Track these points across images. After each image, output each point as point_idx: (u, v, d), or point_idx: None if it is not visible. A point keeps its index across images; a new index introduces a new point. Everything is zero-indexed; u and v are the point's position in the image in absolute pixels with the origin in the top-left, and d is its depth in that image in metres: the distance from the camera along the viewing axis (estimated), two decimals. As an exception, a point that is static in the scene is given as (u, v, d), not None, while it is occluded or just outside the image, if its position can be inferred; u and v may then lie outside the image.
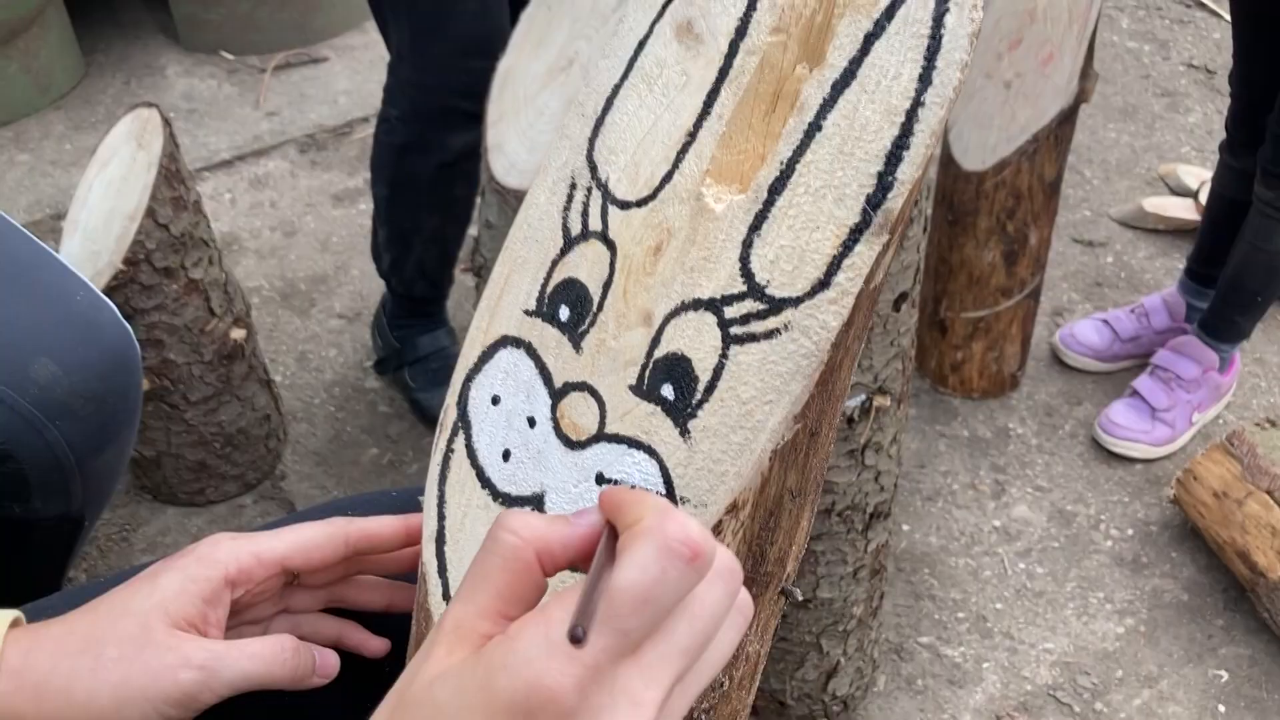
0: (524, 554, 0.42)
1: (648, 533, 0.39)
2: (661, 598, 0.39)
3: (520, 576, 0.42)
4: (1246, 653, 1.63)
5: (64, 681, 0.52)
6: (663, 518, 0.39)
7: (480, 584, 0.42)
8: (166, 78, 2.97)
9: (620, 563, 0.39)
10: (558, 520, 0.43)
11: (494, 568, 0.42)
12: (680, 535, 0.39)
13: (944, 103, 0.44)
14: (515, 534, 0.42)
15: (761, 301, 0.47)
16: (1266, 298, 1.84)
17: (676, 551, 0.39)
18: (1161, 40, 3.11)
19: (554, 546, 0.43)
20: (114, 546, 1.80)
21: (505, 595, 0.42)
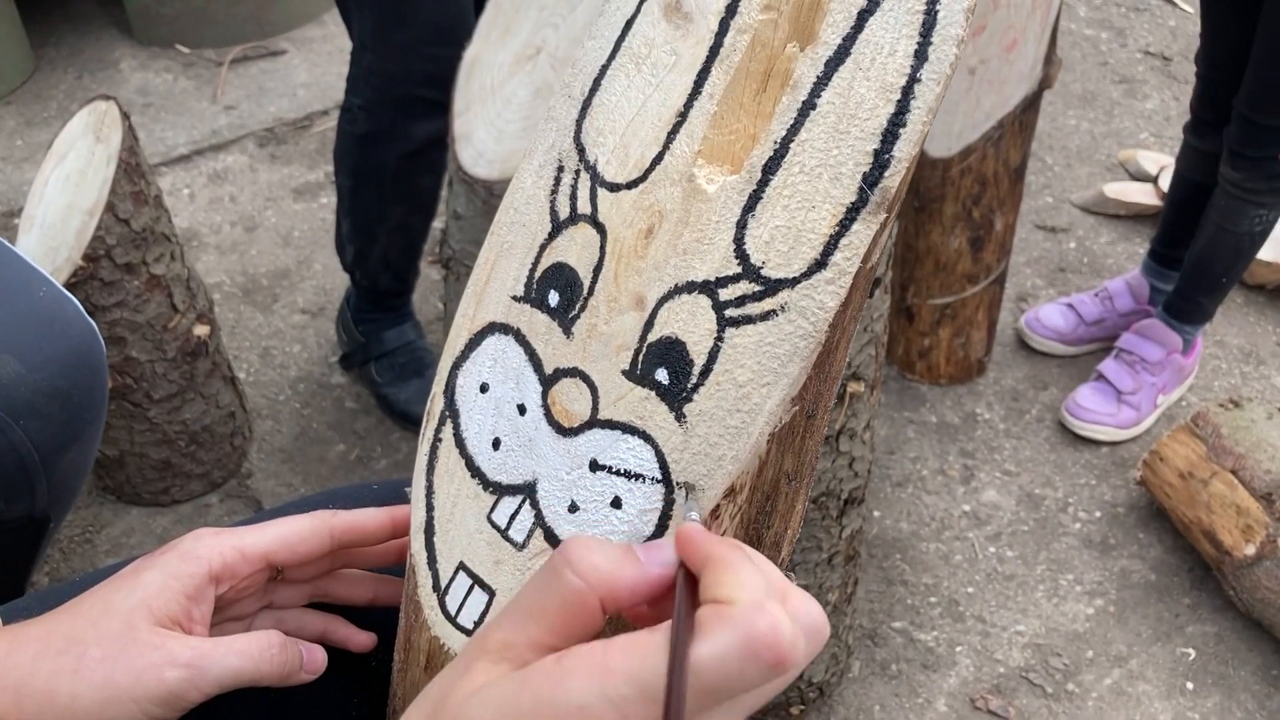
0: (587, 599, 0.40)
1: (734, 624, 0.37)
2: (730, 690, 0.37)
3: (580, 619, 0.41)
4: (1213, 630, 1.65)
5: (46, 683, 0.51)
6: (755, 612, 0.37)
7: (537, 615, 0.41)
8: (120, 72, 2.92)
9: (698, 644, 0.37)
10: (626, 560, 0.41)
11: (554, 606, 0.41)
12: (769, 640, 0.36)
13: (940, 79, 0.43)
14: (583, 578, 0.40)
15: (757, 283, 0.46)
16: (1230, 279, 1.87)
17: (761, 657, 0.36)
18: (1119, 28, 3.15)
19: (621, 594, 0.41)
20: (77, 549, 1.77)
21: (560, 633, 0.40)
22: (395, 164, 1.75)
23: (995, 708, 1.55)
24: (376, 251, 1.88)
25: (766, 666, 0.37)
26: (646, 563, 0.42)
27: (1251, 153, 1.71)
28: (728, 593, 0.38)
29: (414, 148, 1.73)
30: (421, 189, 1.82)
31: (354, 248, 1.89)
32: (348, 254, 1.91)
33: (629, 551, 0.42)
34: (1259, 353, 2.13)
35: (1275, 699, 1.56)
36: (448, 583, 0.55)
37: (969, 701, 1.56)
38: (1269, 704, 1.56)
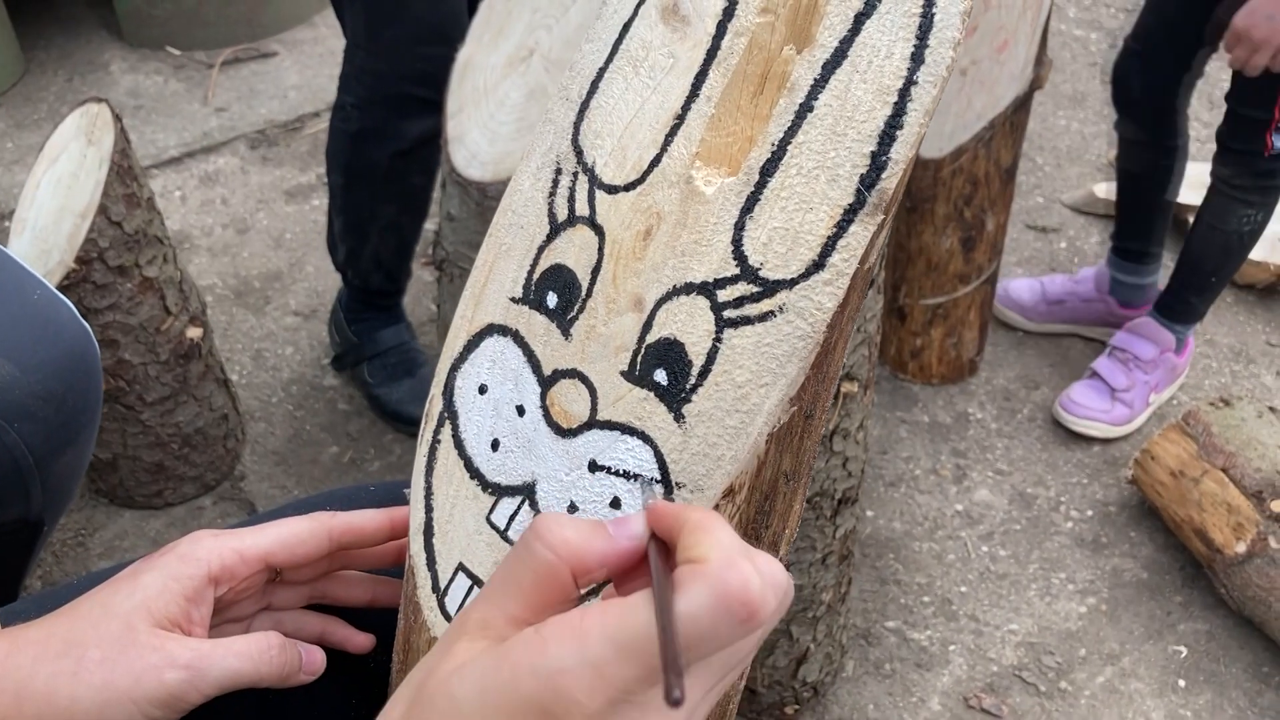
0: (559, 571, 0.41)
1: (705, 579, 0.37)
2: (703, 647, 0.38)
3: (553, 591, 0.41)
4: (1205, 628, 1.66)
5: (45, 685, 0.51)
6: (726, 567, 0.37)
7: (511, 591, 0.41)
8: (110, 74, 2.91)
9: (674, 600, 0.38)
10: (596, 533, 0.42)
11: (526, 580, 0.41)
12: (741, 594, 0.37)
13: (937, 81, 0.44)
14: (553, 550, 0.41)
15: (755, 284, 0.46)
16: (1221, 278, 1.88)
17: (732, 610, 0.37)
18: (1108, 28, 3.16)
19: (590, 563, 0.41)
20: (69, 552, 1.77)
21: (535, 606, 0.41)
22: (387, 162, 1.75)
23: (989, 706, 1.55)
24: (368, 250, 1.88)
25: (739, 621, 0.37)
26: (615, 535, 0.42)
27: (1236, 145, 1.73)
28: (702, 552, 0.39)
29: (406, 146, 1.73)
30: (414, 188, 1.82)
31: (346, 247, 1.89)
32: (340, 253, 1.90)
33: (598, 525, 0.43)
34: (1249, 352, 2.14)
35: (1266, 696, 1.57)
36: (447, 584, 0.55)
37: (962, 700, 1.56)
38: (1260, 701, 1.56)
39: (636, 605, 0.38)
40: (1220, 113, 1.76)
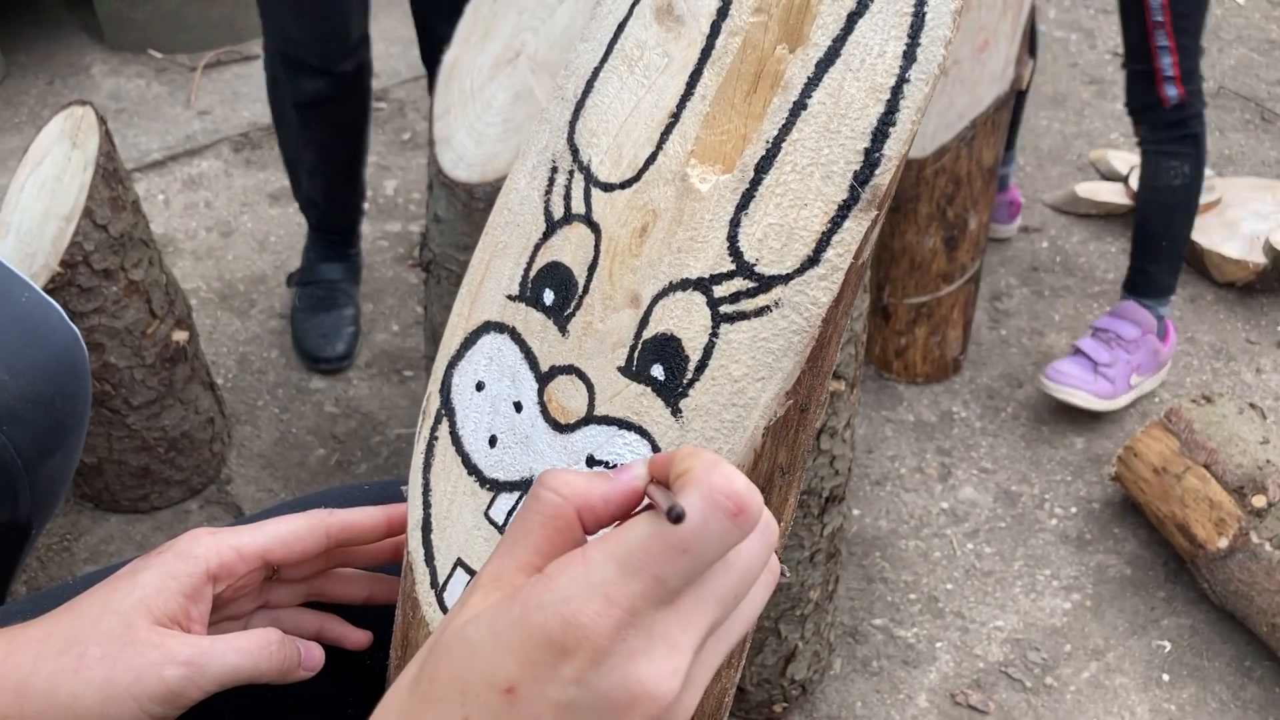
0: (564, 511, 0.42)
1: (693, 482, 0.39)
2: (701, 548, 0.38)
3: (561, 534, 0.42)
4: (1188, 623, 1.68)
5: (46, 683, 0.51)
6: (710, 469, 0.39)
7: (520, 539, 0.42)
8: (92, 77, 2.90)
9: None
10: (599, 477, 0.43)
11: (534, 524, 0.42)
12: (726, 488, 0.38)
13: (929, 79, 0.44)
14: (556, 492, 0.42)
15: (751, 279, 0.47)
16: (1171, 244, 1.93)
17: (720, 504, 0.38)
18: (1087, 29, 3.18)
19: (595, 503, 0.42)
20: (55, 557, 1.76)
21: (545, 551, 0.42)
22: (293, 113, 1.92)
23: (975, 702, 1.56)
24: (302, 188, 2.08)
25: (728, 515, 0.38)
26: (617, 478, 0.43)
27: (1135, 103, 1.86)
28: (687, 465, 0.40)
29: (304, 99, 1.88)
30: (322, 141, 1.97)
31: (290, 179, 2.10)
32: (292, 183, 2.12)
33: (600, 472, 0.44)
34: (1229, 349, 2.16)
35: (1249, 689, 1.59)
36: (445, 579, 0.55)
37: (949, 697, 1.57)
38: (1243, 694, 1.58)
39: (633, 523, 0.40)
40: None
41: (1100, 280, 2.32)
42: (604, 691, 0.38)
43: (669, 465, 0.42)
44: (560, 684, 0.38)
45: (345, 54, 1.83)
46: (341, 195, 2.09)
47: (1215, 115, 2.84)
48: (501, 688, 0.39)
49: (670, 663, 0.38)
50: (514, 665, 0.38)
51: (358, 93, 1.94)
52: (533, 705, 0.38)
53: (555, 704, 0.38)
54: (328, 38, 1.78)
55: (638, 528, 0.39)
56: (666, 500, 0.39)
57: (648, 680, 0.38)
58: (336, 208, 2.11)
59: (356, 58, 1.86)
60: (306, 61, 1.83)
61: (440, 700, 0.40)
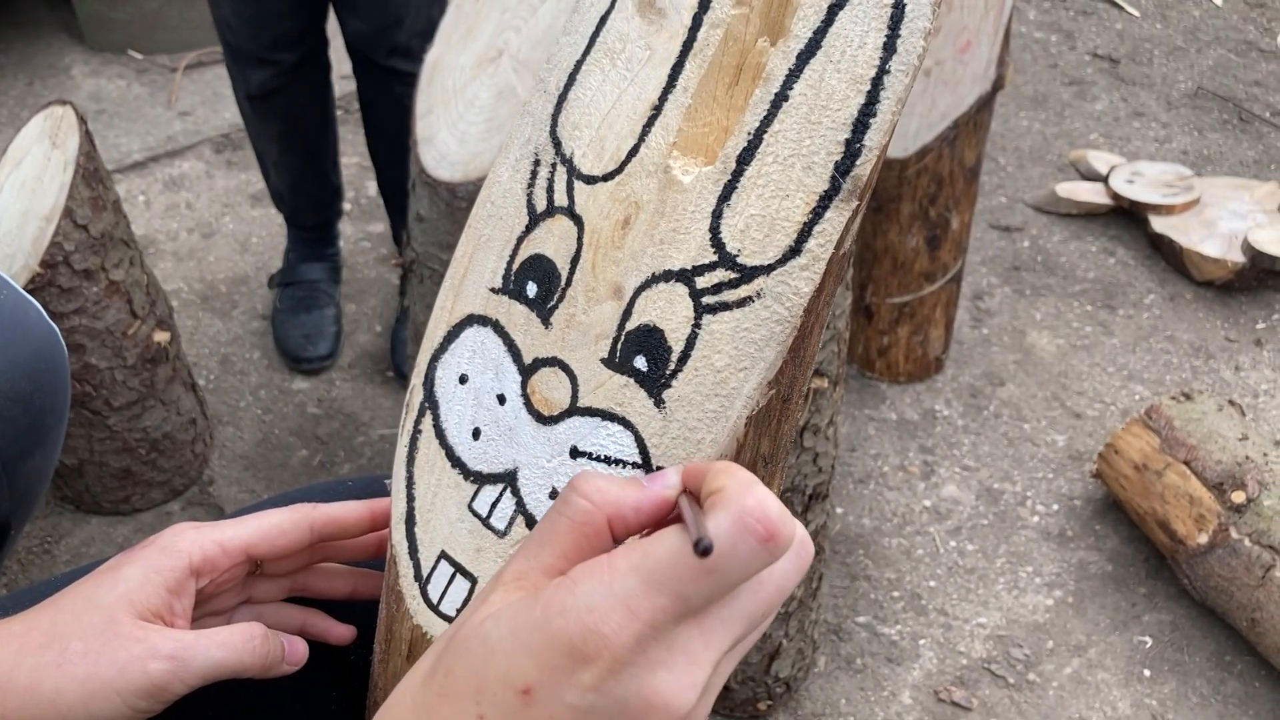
0: (595, 518, 0.42)
1: (725, 503, 0.38)
2: (727, 571, 0.38)
3: (589, 540, 0.42)
4: (1168, 619, 1.69)
5: (28, 678, 0.51)
6: (743, 491, 0.39)
7: (548, 541, 0.42)
8: (72, 78, 2.89)
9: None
10: (631, 484, 0.43)
11: (563, 528, 0.42)
12: (758, 512, 0.38)
13: (909, 70, 0.45)
14: (588, 499, 0.42)
15: (733, 270, 0.47)
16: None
17: (751, 528, 0.38)
18: (1067, 31, 3.20)
19: (627, 512, 0.42)
20: (35, 559, 1.75)
21: (570, 555, 0.42)
22: (246, 105, 1.95)
23: (959, 699, 1.57)
24: (271, 181, 2.11)
25: (759, 540, 0.38)
26: (649, 487, 0.43)
27: None
28: (720, 483, 0.40)
29: (253, 91, 1.89)
30: (280, 134, 1.99)
31: (260, 171, 2.12)
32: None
33: (632, 479, 0.44)
34: (1208, 347, 2.18)
35: (1229, 684, 1.60)
36: (429, 571, 0.55)
37: (933, 693, 1.58)
38: (1223, 689, 1.59)
39: (661, 536, 0.39)
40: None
41: (1081, 279, 2.34)
42: (621, 699, 0.38)
43: (702, 477, 0.42)
44: (578, 689, 0.38)
45: (286, 44, 1.83)
46: (308, 190, 2.10)
47: (1194, 115, 2.86)
48: (519, 688, 0.39)
49: (690, 676, 0.39)
50: (532, 667, 0.39)
51: (306, 85, 1.94)
52: (548, 708, 0.38)
53: (571, 708, 0.38)
54: (264, 26, 1.79)
55: (665, 543, 0.39)
56: (696, 527, 0.38)
57: (666, 692, 0.38)
58: (303, 202, 2.12)
59: (300, 49, 1.86)
60: (246, 50, 1.84)
61: (456, 696, 0.40)
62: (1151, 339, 2.19)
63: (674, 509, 0.43)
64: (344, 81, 2.77)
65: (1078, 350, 2.16)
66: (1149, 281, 2.33)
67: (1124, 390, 2.08)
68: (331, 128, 2.05)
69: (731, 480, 0.40)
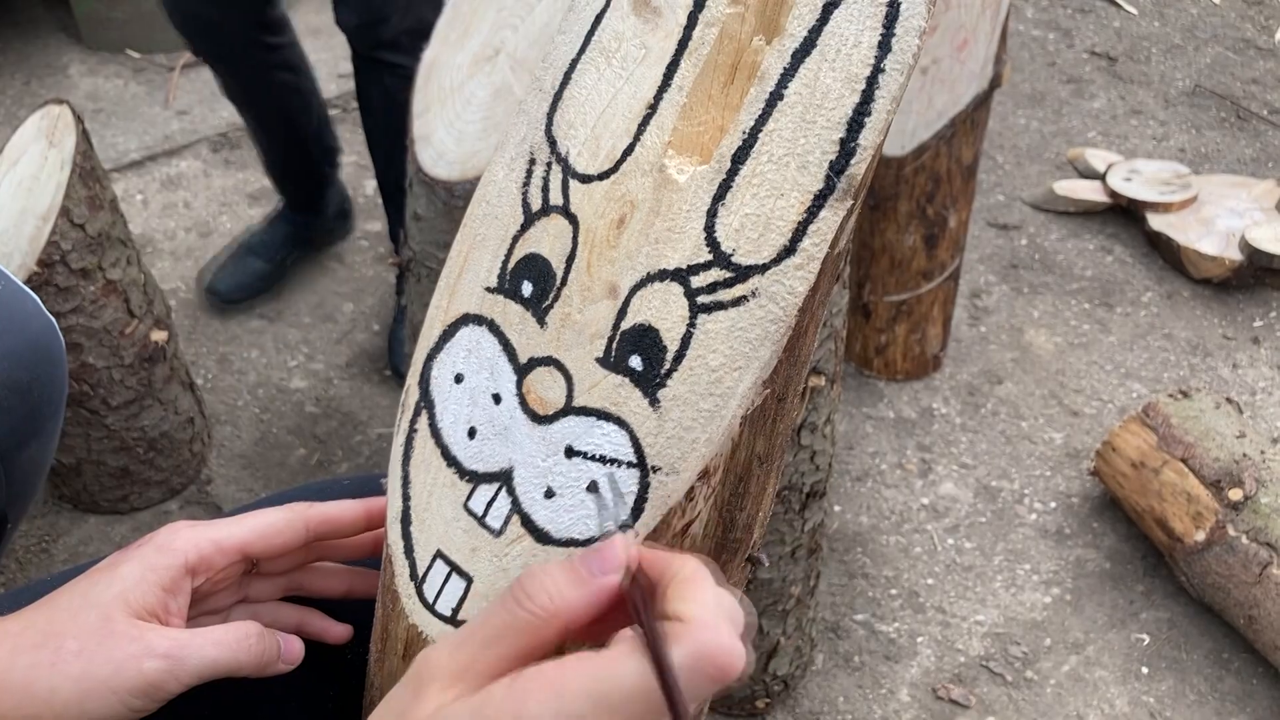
0: (550, 625, 0.42)
1: (689, 638, 0.39)
2: (680, 703, 0.39)
3: (541, 646, 0.42)
4: (1166, 616, 1.69)
5: (23, 676, 0.51)
6: (710, 629, 0.39)
7: (494, 642, 0.42)
8: (69, 77, 2.88)
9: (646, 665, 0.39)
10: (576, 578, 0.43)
11: (513, 632, 0.42)
12: (720, 658, 0.38)
13: (904, 69, 0.45)
14: (544, 608, 0.42)
15: (728, 270, 0.47)
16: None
17: (709, 673, 0.38)
18: (1065, 29, 3.20)
19: (580, 613, 0.43)
20: (33, 558, 1.75)
21: (519, 659, 0.42)
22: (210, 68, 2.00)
23: (957, 696, 1.57)
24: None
25: (710, 680, 0.39)
26: (595, 577, 0.43)
27: None
28: (686, 609, 0.40)
29: (198, 56, 1.98)
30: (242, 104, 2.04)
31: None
32: None
33: (573, 567, 0.44)
34: (1206, 345, 2.18)
35: (1226, 681, 1.60)
36: (425, 570, 0.55)
37: (931, 691, 1.58)
38: (1220, 686, 1.59)
39: (615, 659, 0.39)
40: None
41: (1079, 277, 2.34)
42: None
43: (660, 569, 0.42)
44: None
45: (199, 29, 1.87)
46: (281, 165, 2.15)
47: (1191, 113, 2.86)
48: None
49: None
50: None
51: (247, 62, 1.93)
52: None
53: None
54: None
55: (621, 675, 0.39)
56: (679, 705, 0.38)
57: None
58: (275, 174, 2.18)
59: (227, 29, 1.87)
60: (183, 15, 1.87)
61: None
62: (1149, 337, 2.19)
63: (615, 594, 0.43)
64: (343, 80, 2.78)
65: (1075, 348, 2.16)
66: (1146, 279, 2.34)
67: (1121, 388, 2.08)
68: (299, 112, 2.05)
69: (698, 609, 0.40)
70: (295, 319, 2.18)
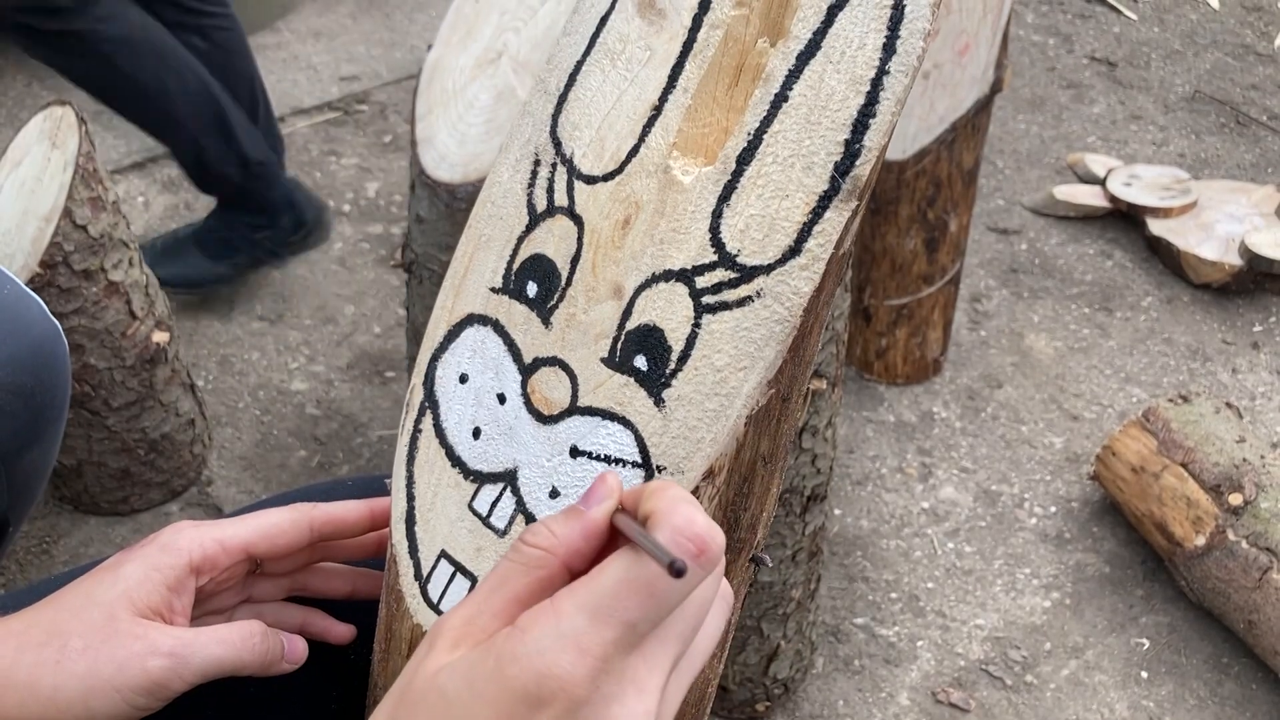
0: (550, 562, 0.42)
1: (657, 526, 0.40)
2: (667, 591, 0.39)
3: (544, 584, 0.42)
4: (1166, 620, 1.69)
5: (28, 675, 0.51)
6: (671, 510, 0.40)
7: (499, 587, 0.43)
8: (71, 79, 2.88)
9: (628, 555, 0.40)
10: (573, 515, 0.43)
11: (517, 573, 0.42)
12: (687, 529, 0.39)
13: (908, 71, 0.45)
14: (542, 545, 0.43)
15: (733, 270, 0.47)
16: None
17: (682, 546, 0.39)
18: (1065, 34, 3.21)
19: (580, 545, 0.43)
20: (34, 560, 1.75)
21: (525, 600, 0.42)
22: None
23: (956, 700, 1.57)
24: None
25: (691, 556, 0.39)
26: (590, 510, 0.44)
27: None
28: (651, 505, 0.41)
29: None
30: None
31: None
32: None
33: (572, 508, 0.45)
34: (1205, 350, 2.18)
35: (1226, 685, 1.60)
36: (429, 571, 0.55)
37: (930, 695, 1.58)
38: (1220, 691, 1.59)
39: (599, 571, 0.40)
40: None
41: (1079, 282, 2.34)
42: None
43: (638, 500, 0.42)
44: None
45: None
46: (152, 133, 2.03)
47: (1191, 119, 2.86)
48: None
49: (641, 704, 0.39)
50: (491, 716, 0.39)
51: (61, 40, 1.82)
52: None
53: None
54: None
55: (606, 576, 0.40)
56: (656, 549, 0.39)
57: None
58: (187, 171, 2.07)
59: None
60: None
61: None
62: (1149, 341, 2.19)
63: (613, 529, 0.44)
64: (345, 82, 2.78)
65: (1075, 353, 2.17)
66: (1146, 284, 2.34)
67: (1121, 392, 2.08)
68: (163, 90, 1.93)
69: (660, 501, 0.40)
70: (296, 321, 2.18)
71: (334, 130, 2.68)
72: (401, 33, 3.00)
